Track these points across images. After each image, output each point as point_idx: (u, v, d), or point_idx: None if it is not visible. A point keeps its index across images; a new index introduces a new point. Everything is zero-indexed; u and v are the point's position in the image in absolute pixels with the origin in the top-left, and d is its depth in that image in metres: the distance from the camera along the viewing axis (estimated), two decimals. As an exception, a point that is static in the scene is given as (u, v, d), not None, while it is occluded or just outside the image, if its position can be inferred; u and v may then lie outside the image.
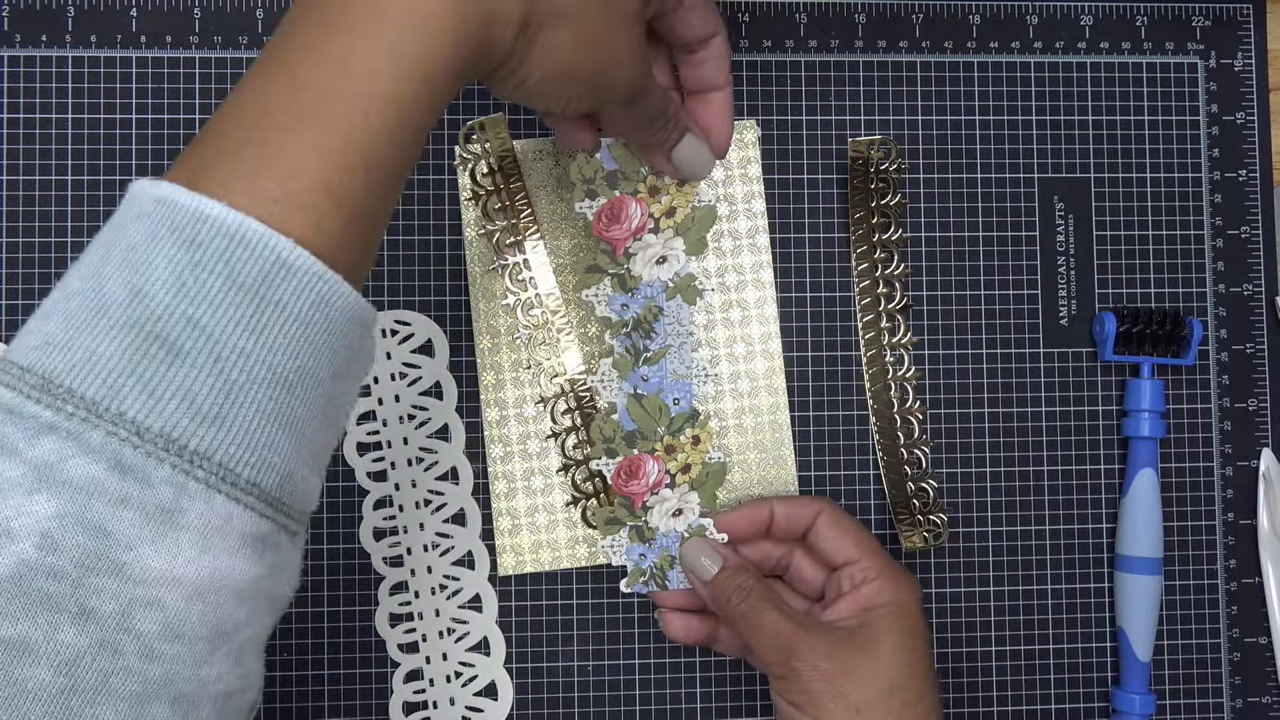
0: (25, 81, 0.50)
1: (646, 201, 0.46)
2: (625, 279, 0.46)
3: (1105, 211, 0.53)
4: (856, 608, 0.44)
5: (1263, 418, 0.53)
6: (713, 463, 0.47)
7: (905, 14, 0.53)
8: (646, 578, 0.47)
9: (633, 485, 0.47)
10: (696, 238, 0.47)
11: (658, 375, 0.47)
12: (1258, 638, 0.52)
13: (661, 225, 0.46)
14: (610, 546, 0.47)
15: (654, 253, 0.46)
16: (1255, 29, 0.54)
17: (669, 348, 0.47)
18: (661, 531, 0.47)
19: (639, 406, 0.47)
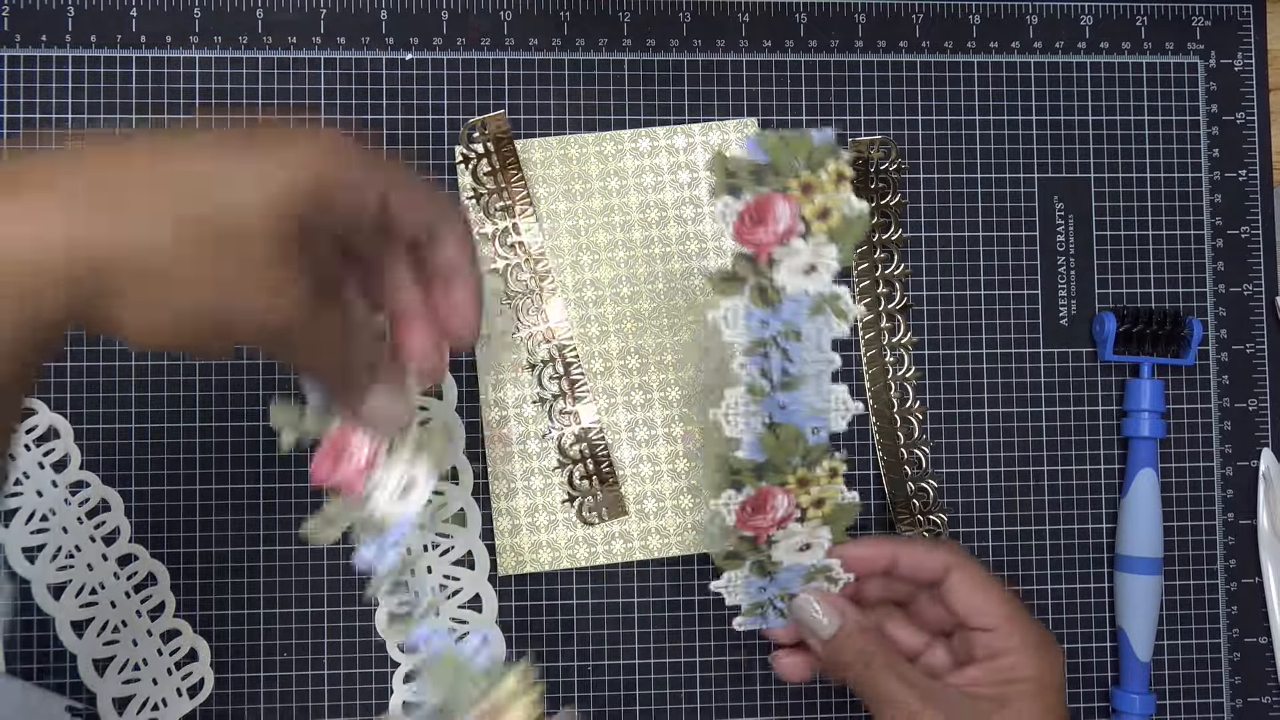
0: (25, 81, 0.50)
1: (799, 200, 0.39)
2: (767, 291, 0.40)
3: (1105, 211, 0.53)
4: (992, 679, 0.41)
5: (1263, 418, 0.53)
6: (846, 501, 0.42)
7: (905, 14, 0.53)
8: (764, 610, 0.44)
9: (758, 520, 0.42)
10: (849, 247, 0.40)
11: (796, 405, 0.41)
12: (1258, 638, 0.52)
13: (813, 229, 0.40)
14: (728, 585, 0.43)
15: (802, 261, 0.40)
16: (1255, 29, 0.54)
17: (806, 376, 0.41)
18: (786, 565, 0.43)
19: (773, 436, 0.41)
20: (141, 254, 0.30)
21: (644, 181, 0.51)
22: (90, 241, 0.30)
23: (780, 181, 0.39)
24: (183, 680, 0.48)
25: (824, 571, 0.43)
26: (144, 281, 0.30)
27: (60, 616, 0.48)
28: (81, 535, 0.48)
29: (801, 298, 0.40)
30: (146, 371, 0.49)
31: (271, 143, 0.32)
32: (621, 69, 0.52)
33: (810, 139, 0.39)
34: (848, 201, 0.39)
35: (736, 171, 0.39)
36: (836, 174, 0.39)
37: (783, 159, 0.39)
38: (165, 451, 0.49)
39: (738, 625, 0.44)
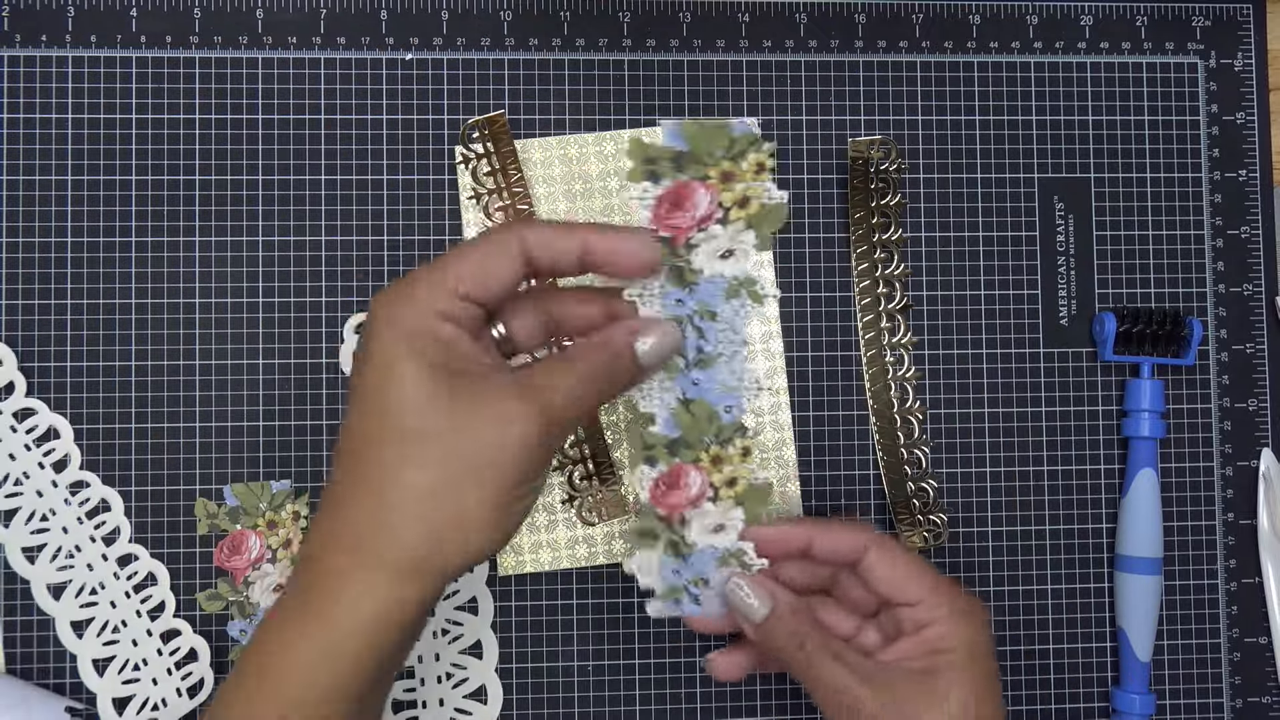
0: (25, 81, 0.50)
1: (718, 188, 0.40)
2: (684, 272, 0.41)
3: (1105, 211, 0.53)
4: (921, 651, 0.42)
5: (1263, 418, 0.53)
6: (759, 482, 0.43)
7: (905, 14, 0.53)
8: (678, 596, 0.43)
9: (672, 496, 0.42)
10: (766, 235, 0.41)
11: (709, 382, 0.42)
12: (1258, 638, 0.52)
13: (732, 216, 0.41)
14: (642, 565, 0.43)
15: (720, 245, 0.41)
16: (1255, 29, 0.54)
17: (720, 356, 0.42)
18: (700, 547, 0.43)
19: (686, 413, 0.42)
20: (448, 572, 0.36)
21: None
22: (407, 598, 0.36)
23: (700, 170, 0.40)
24: (183, 680, 0.48)
25: (738, 555, 0.43)
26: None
27: (60, 616, 0.48)
28: (81, 535, 0.48)
29: (718, 280, 0.41)
30: (146, 372, 0.49)
31: (479, 420, 0.36)
32: (621, 69, 0.52)
33: (730, 129, 0.40)
34: (768, 190, 0.40)
35: (656, 158, 0.40)
36: (757, 164, 0.40)
37: (702, 147, 0.40)
38: (165, 451, 0.49)
39: (651, 611, 0.43)
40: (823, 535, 0.43)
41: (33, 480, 0.48)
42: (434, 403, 0.36)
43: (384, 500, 0.36)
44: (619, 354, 0.39)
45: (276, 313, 0.50)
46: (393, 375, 0.36)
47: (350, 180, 0.50)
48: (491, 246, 0.38)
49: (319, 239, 0.50)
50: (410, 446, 0.36)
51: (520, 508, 0.37)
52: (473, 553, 0.36)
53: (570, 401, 0.37)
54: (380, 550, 0.36)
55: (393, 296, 0.37)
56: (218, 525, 0.49)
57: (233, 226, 0.50)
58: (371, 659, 0.35)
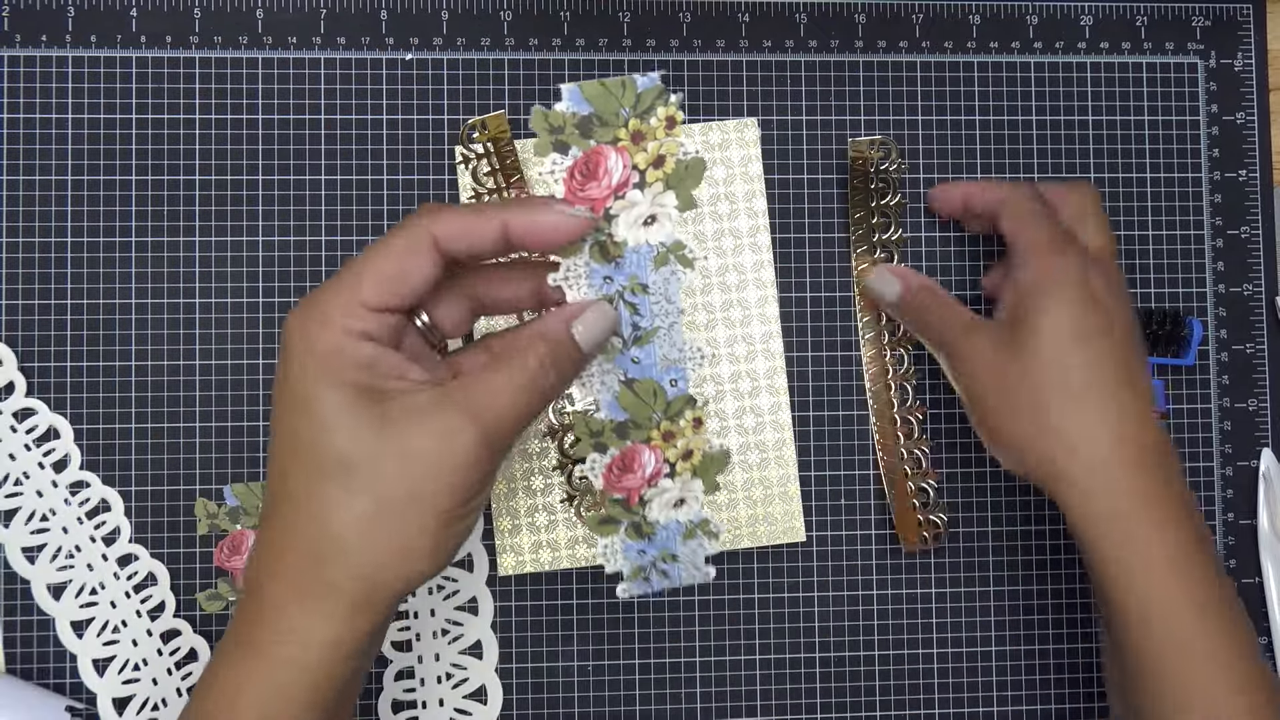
0: (25, 81, 0.50)
1: (629, 150, 0.38)
2: (607, 246, 0.38)
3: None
4: (1016, 297, 0.44)
5: (1263, 418, 0.53)
6: (715, 450, 0.41)
7: (905, 14, 0.53)
8: (646, 573, 0.42)
9: (627, 480, 0.41)
10: (687, 194, 0.39)
11: (649, 358, 0.40)
12: (1258, 638, 0.52)
13: (649, 178, 0.38)
14: (606, 551, 0.42)
15: (640, 212, 0.38)
16: (1255, 29, 0.54)
17: (658, 329, 0.40)
18: (662, 524, 0.41)
19: (630, 393, 0.40)
20: (394, 593, 0.36)
21: (644, 181, 0.51)
22: (357, 630, 0.35)
23: (609, 132, 0.38)
24: (183, 680, 0.48)
25: (703, 526, 0.41)
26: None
27: (60, 616, 0.48)
28: (81, 535, 0.48)
29: (644, 249, 0.39)
30: (146, 372, 0.49)
31: (418, 436, 0.35)
32: (621, 69, 0.52)
33: (634, 84, 0.38)
34: (682, 146, 0.38)
35: (561, 126, 0.37)
36: (667, 118, 0.38)
37: (607, 108, 0.37)
38: (165, 451, 0.49)
39: (621, 592, 0.42)
40: (977, 190, 0.49)
41: (33, 480, 0.48)
42: (362, 428, 0.34)
43: (324, 530, 0.34)
44: (560, 342, 0.37)
45: (276, 313, 0.50)
46: (314, 405, 0.34)
47: (350, 180, 0.50)
48: (400, 247, 0.36)
49: (319, 239, 0.50)
50: (345, 475, 0.34)
51: (463, 527, 0.36)
52: (417, 577, 0.35)
53: (510, 407, 0.35)
54: (324, 581, 0.34)
55: (304, 318, 0.35)
56: (218, 525, 0.49)
57: (233, 226, 0.50)
58: (329, 689, 0.35)
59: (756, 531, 0.50)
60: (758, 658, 0.51)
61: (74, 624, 0.48)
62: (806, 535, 0.51)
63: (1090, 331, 0.42)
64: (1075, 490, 0.42)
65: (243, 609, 0.36)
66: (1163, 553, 0.41)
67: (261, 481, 0.49)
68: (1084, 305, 0.43)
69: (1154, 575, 0.41)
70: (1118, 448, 0.41)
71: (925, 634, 0.51)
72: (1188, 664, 0.40)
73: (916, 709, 0.51)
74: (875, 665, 0.51)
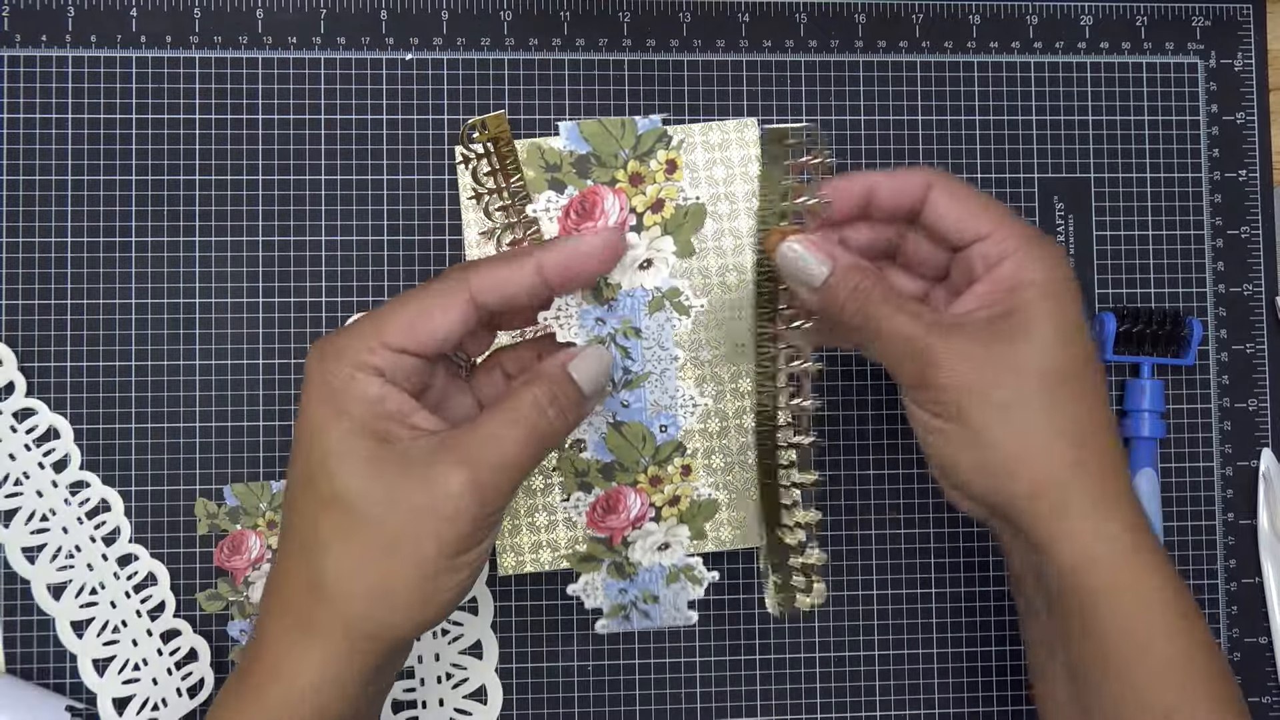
0: (25, 81, 0.50)
1: (627, 192, 0.38)
2: (601, 288, 0.38)
3: (1105, 211, 0.53)
4: (998, 290, 0.38)
5: (1263, 418, 0.53)
6: (703, 498, 0.40)
7: (905, 14, 0.53)
8: (626, 612, 0.41)
9: (611, 520, 0.40)
10: (686, 238, 0.38)
11: (640, 402, 0.39)
12: (1258, 638, 0.52)
13: (646, 222, 0.38)
14: (587, 587, 0.41)
15: (637, 255, 0.38)
16: (1255, 29, 0.54)
17: (649, 374, 0.39)
18: (645, 566, 0.41)
19: (618, 435, 0.39)
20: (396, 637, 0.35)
21: (644, 181, 0.51)
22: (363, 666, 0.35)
23: (606, 173, 0.37)
24: (183, 680, 0.48)
25: (686, 570, 0.41)
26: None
27: (60, 616, 0.48)
28: (81, 535, 0.48)
29: (638, 293, 0.38)
30: (146, 372, 0.49)
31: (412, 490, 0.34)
32: (621, 69, 0.52)
33: (635, 125, 0.37)
34: (682, 191, 0.38)
35: (557, 164, 0.37)
36: (667, 162, 0.37)
37: (606, 148, 0.37)
38: (165, 451, 0.49)
39: (599, 628, 0.42)
40: (885, 179, 0.40)
41: (33, 480, 0.48)
42: (359, 466, 0.34)
43: (317, 566, 0.34)
44: (558, 383, 0.36)
45: (276, 313, 0.50)
46: (321, 436, 0.34)
47: (350, 180, 0.50)
48: (433, 296, 0.35)
49: (319, 239, 0.50)
50: (340, 514, 0.34)
51: (455, 580, 0.35)
52: (405, 626, 0.35)
53: (508, 454, 0.35)
54: (315, 621, 0.34)
55: (323, 350, 0.35)
56: (218, 525, 0.49)
57: (233, 226, 0.50)
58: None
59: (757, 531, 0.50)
60: (758, 658, 0.51)
61: (74, 624, 0.48)
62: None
63: (1084, 328, 0.39)
64: (1081, 494, 0.37)
65: (248, 644, 0.36)
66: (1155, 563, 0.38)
67: (262, 481, 0.49)
68: (1079, 299, 0.39)
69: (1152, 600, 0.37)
70: (1109, 462, 0.38)
71: (925, 634, 0.51)
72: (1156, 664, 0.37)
73: (916, 709, 0.51)
74: (875, 665, 0.51)
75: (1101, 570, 0.37)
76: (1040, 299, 0.37)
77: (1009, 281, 0.38)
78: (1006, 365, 0.37)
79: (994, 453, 0.37)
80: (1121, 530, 0.37)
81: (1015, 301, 0.38)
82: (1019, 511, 0.37)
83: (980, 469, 0.37)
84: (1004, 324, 0.37)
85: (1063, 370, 0.37)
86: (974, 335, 0.37)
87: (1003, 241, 0.38)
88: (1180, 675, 0.37)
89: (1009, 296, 0.38)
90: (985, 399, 0.36)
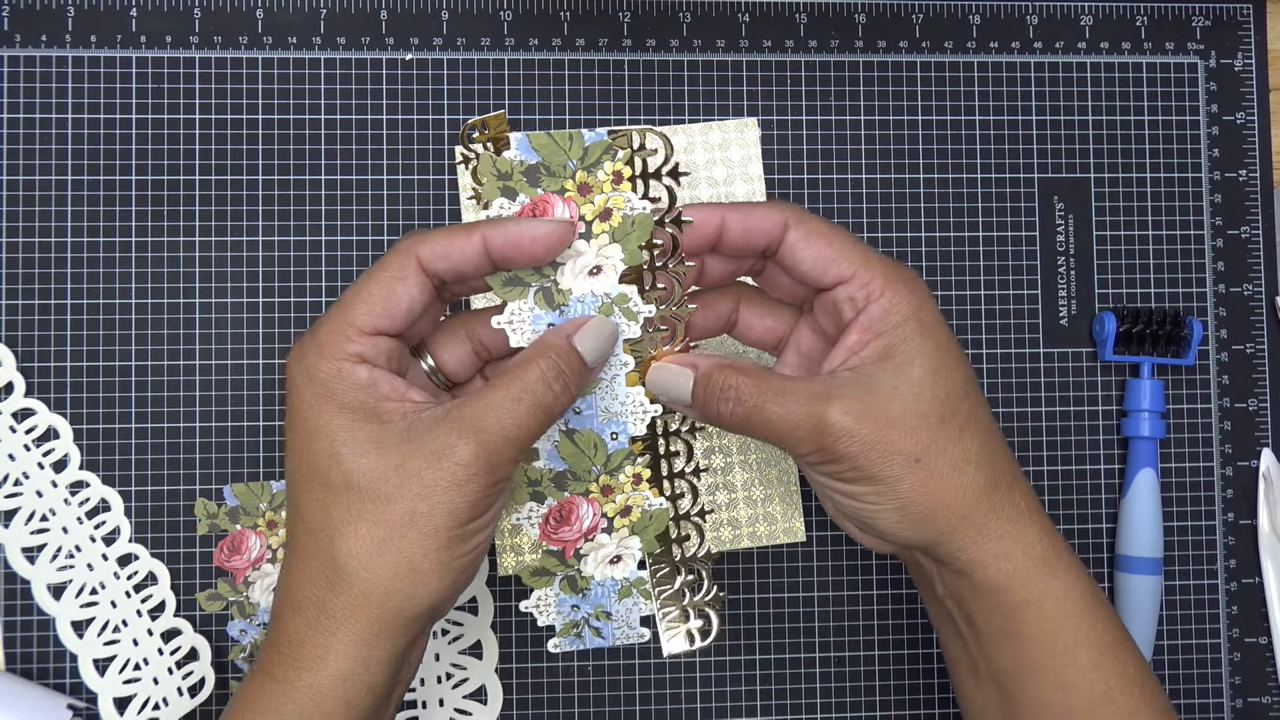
0: (25, 81, 0.50)
1: (576, 201, 0.39)
2: (553, 293, 0.39)
3: (1105, 211, 0.53)
4: (869, 335, 0.38)
5: (1263, 418, 0.53)
6: (654, 508, 0.41)
7: (905, 14, 0.53)
8: (580, 629, 0.42)
9: (564, 532, 0.41)
10: (634, 246, 0.39)
11: (590, 408, 0.39)
12: (1258, 638, 0.52)
13: (595, 230, 0.39)
14: (539, 604, 0.42)
15: (586, 262, 0.39)
16: (1255, 29, 0.54)
17: (600, 380, 0.39)
18: (597, 580, 0.41)
19: (570, 443, 0.39)
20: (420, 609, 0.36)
21: (644, 181, 0.51)
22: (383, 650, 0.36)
23: (556, 182, 0.39)
24: (183, 680, 0.48)
25: (638, 584, 0.41)
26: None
27: (60, 616, 0.48)
28: (81, 535, 0.48)
29: (589, 299, 0.39)
30: (146, 372, 0.49)
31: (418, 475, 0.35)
32: (621, 69, 0.52)
33: (582, 138, 0.39)
34: (629, 201, 0.39)
35: (509, 173, 0.38)
36: (614, 173, 0.39)
37: (555, 159, 0.38)
38: (165, 451, 0.49)
39: (553, 647, 0.43)
40: (736, 215, 0.38)
41: (32, 480, 0.48)
42: (363, 450, 0.35)
43: (333, 557, 0.35)
44: (562, 353, 0.37)
45: (276, 313, 0.50)
46: (318, 433, 0.35)
47: (350, 180, 0.50)
48: (387, 272, 0.36)
49: (319, 239, 0.50)
50: (354, 500, 0.35)
51: (469, 548, 0.36)
52: (427, 599, 0.35)
53: (511, 422, 0.35)
54: (335, 611, 0.35)
55: (303, 350, 0.36)
56: (218, 525, 0.49)
57: (233, 226, 0.50)
58: (346, 717, 0.35)
59: (756, 531, 0.50)
60: (758, 658, 0.51)
61: (74, 624, 0.48)
62: (806, 535, 0.51)
63: (958, 351, 0.39)
64: (996, 520, 0.38)
65: (266, 641, 0.36)
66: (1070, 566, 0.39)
67: (262, 481, 0.49)
68: (945, 325, 0.39)
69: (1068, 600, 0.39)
70: (1013, 475, 0.39)
71: (925, 634, 0.51)
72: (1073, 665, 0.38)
73: (916, 709, 0.51)
74: (875, 665, 0.51)
75: (1022, 583, 0.38)
76: (913, 336, 0.37)
77: (879, 325, 0.38)
78: (901, 417, 0.36)
79: (910, 501, 0.37)
80: (1037, 540, 0.38)
81: (888, 344, 0.37)
82: (940, 545, 0.38)
83: (900, 518, 0.37)
84: (883, 370, 0.37)
85: (952, 399, 0.37)
86: (858, 392, 0.37)
87: (866, 284, 0.38)
88: (1110, 663, 0.38)
89: (881, 340, 0.38)
90: (889, 451, 0.36)
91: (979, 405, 0.38)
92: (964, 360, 0.38)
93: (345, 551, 0.35)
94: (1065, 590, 0.38)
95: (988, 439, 0.38)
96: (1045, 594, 0.38)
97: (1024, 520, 0.38)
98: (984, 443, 0.38)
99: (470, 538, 0.36)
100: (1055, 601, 0.38)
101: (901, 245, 0.52)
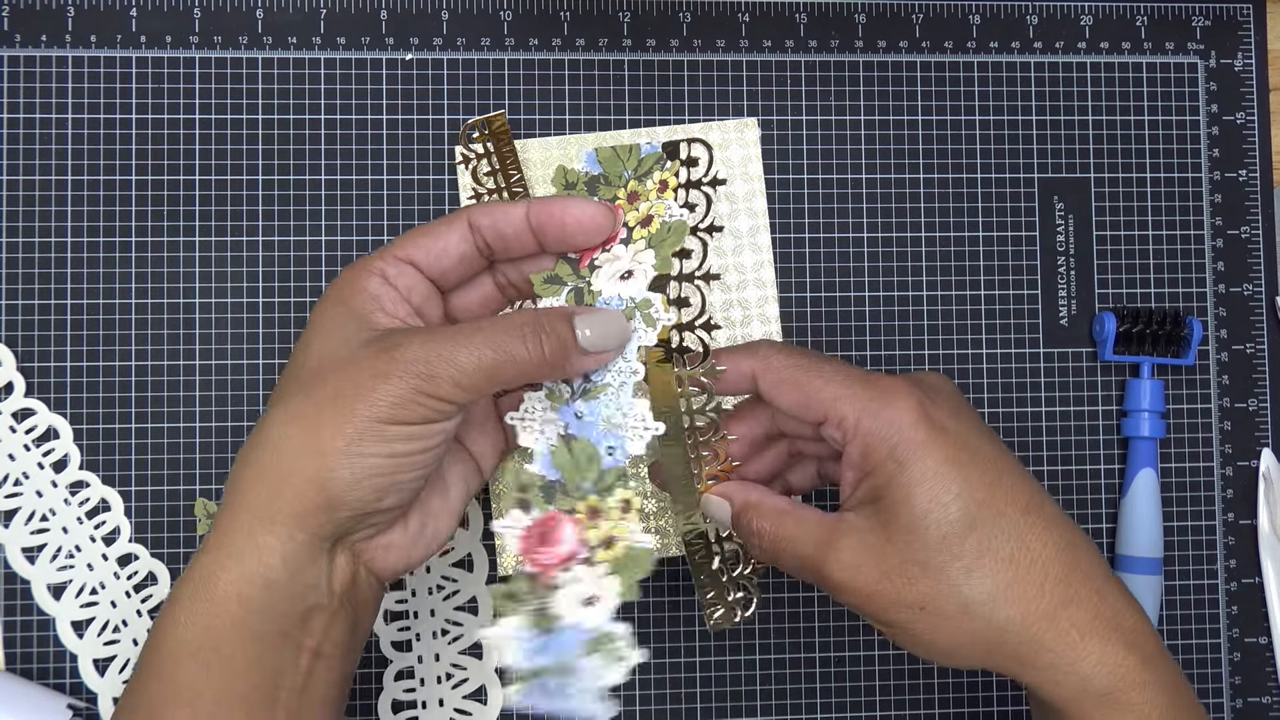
0: (25, 81, 0.50)
1: (625, 209, 0.40)
2: (584, 293, 0.40)
3: (1105, 211, 0.53)
4: (859, 475, 0.37)
5: (1263, 418, 0.53)
6: (639, 548, 0.38)
7: (905, 14, 0.53)
8: (541, 681, 0.37)
9: (543, 554, 0.38)
10: (667, 253, 0.40)
11: (593, 415, 0.39)
12: (1258, 638, 0.52)
13: (635, 235, 0.40)
14: (498, 638, 0.37)
15: (620, 266, 0.40)
16: (1255, 29, 0.54)
17: (608, 386, 0.39)
18: (565, 622, 0.37)
19: (567, 451, 0.39)
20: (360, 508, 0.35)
21: (644, 181, 0.51)
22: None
23: (611, 190, 0.41)
24: (183, 680, 0.48)
25: (606, 639, 0.37)
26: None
27: (60, 616, 0.48)
28: (81, 535, 0.48)
29: (614, 301, 0.40)
30: (146, 372, 0.49)
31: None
32: (621, 69, 0.52)
33: (639, 150, 0.41)
34: (669, 208, 0.40)
35: (574, 182, 0.42)
36: (660, 182, 0.41)
37: (614, 170, 0.41)
38: (165, 451, 0.49)
39: (510, 694, 0.37)
40: (726, 359, 0.40)
41: (32, 480, 0.48)
42: (332, 340, 0.36)
43: (258, 434, 0.35)
44: (554, 320, 0.36)
45: (276, 313, 0.50)
46: (312, 325, 0.37)
47: (350, 180, 0.50)
48: (436, 222, 0.39)
49: (319, 239, 0.50)
50: (298, 379, 0.36)
51: (383, 450, 0.34)
52: (327, 487, 0.34)
53: (469, 357, 0.35)
54: (242, 485, 0.35)
55: (347, 267, 0.39)
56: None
57: (233, 226, 0.50)
58: (264, 613, 0.34)
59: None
60: (758, 658, 0.51)
61: (74, 624, 0.48)
62: (806, 535, 0.51)
63: (964, 487, 0.36)
64: (1046, 661, 0.36)
65: (201, 545, 0.36)
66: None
67: None
68: (937, 438, 0.36)
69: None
70: (1060, 599, 0.37)
71: (925, 634, 0.51)
72: None
73: (916, 709, 0.51)
74: (875, 665, 0.51)
75: (1079, 712, 0.36)
76: (895, 475, 0.36)
77: (862, 466, 0.37)
78: (896, 563, 0.36)
79: (929, 643, 0.36)
80: (1095, 670, 0.36)
81: (874, 485, 0.37)
82: (1009, 667, 0.37)
83: (930, 654, 0.37)
84: (880, 513, 0.37)
85: (950, 541, 0.36)
86: (856, 540, 0.37)
87: (839, 425, 0.37)
88: None
89: (869, 481, 0.37)
90: (891, 602, 0.36)
91: (995, 533, 0.36)
92: (968, 482, 0.36)
93: (268, 423, 0.35)
94: (1152, 708, 0.35)
95: (1010, 568, 0.36)
96: (1127, 708, 0.35)
97: (1075, 652, 0.36)
98: (1007, 575, 0.36)
99: (388, 441, 0.34)
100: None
101: (901, 245, 0.52)
